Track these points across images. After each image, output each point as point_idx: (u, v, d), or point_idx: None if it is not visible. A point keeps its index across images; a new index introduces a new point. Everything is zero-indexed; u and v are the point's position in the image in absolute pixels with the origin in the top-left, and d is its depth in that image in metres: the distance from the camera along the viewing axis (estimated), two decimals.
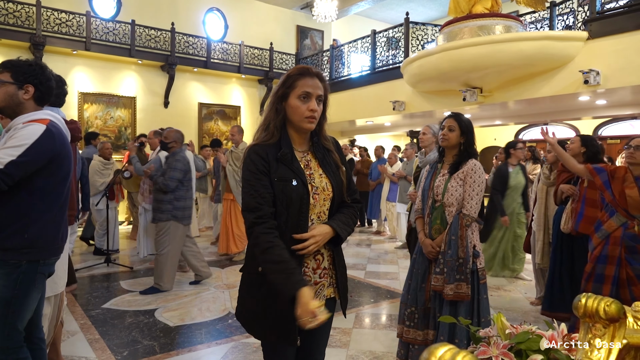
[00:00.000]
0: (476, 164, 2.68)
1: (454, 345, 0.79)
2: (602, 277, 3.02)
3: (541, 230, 4.19)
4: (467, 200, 2.62)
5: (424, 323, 2.70)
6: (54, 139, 1.95)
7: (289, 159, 1.65)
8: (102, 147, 6.48)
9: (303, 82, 1.65)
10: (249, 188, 1.61)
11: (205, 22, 11.58)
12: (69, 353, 3.16)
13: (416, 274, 2.78)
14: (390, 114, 9.46)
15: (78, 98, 9.59)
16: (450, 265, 2.55)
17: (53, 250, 2.03)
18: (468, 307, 2.57)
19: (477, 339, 1.73)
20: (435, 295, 2.65)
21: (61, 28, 9.04)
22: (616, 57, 6.08)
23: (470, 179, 2.63)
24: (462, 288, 2.53)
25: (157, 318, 3.92)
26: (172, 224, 4.59)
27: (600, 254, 3.06)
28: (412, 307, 2.75)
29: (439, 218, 2.70)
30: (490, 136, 14.80)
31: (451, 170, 2.70)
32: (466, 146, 2.72)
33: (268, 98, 1.76)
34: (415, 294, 2.74)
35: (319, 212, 1.71)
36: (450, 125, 2.72)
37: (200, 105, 11.27)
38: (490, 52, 6.68)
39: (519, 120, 11.17)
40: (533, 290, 4.62)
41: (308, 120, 1.65)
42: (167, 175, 4.55)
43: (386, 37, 9.92)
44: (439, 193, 2.71)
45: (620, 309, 0.99)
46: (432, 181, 2.80)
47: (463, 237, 2.58)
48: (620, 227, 3.00)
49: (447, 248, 2.58)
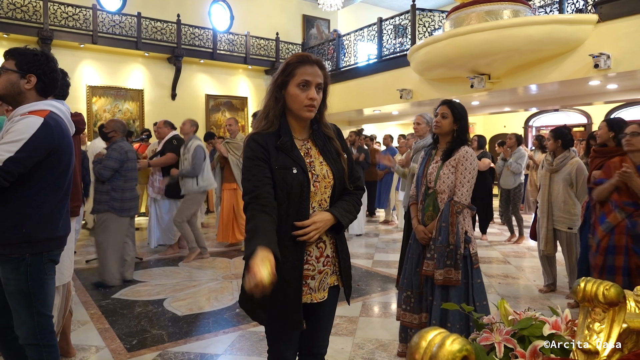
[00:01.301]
0: (468, 151, 2.69)
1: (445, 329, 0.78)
2: (614, 268, 2.98)
3: (545, 217, 4.14)
4: (458, 188, 2.65)
5: (419, 306, 2.76)
6: (52, 131, 1.92)
7: (289, 147, 1.64)
8: None
9: (302, 70, 1.64)
10: (247, 174, 1.63)
11: (211, 13, 11.55)
12: (79, 342, 3.21)
13: (411, 259, 2.84)
14: (398, 102, 9.39)
15: (86, 91, 9.65)
16: (441, 251, 2.61)
17: (55, 243, 2.03)
18: (461, 291, 2.62)
19: (479, 325, 1.72)
20: (427, 279, 2.71)
21: (68, 22, 9.09)
22: (627, 40, 5.95)
23: (462, 166, 2.65)
24: (452, 274, 2.58)
25: (166, 308, 3.96)
26: (110, 215, 4.45)
27: (608, 245, 3.02)
28: (408, 290, 2.81)
29: (432, 205, 2.74)
30: (500, 123, 14.64)
31: (444, 157, 2.73)
32: (459, 133, 2.73)
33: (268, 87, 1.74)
34: (411, 278, 2.80)
35: (320, 200, 1.70)
36: (443, 112, 2.74)
37: (207, 96, 11.29)
38: (498, 38, 6.58)
39: (528, 107, 11.02)
40: (541, 277, 4.59)
41: (307, 108, 1.64)
42: (102, 164, 4.45)
43: (393, 24, 9.82)
44: (432, 180, 2.74)
45: (619, 293, 0.97)
46: (425, 168, 2.82)
47: (454, 224, 2.62)
48: (625, 218, 2.96)
49: (438, 234, 2.63)
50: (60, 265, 2.59)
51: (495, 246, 6.53)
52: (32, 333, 1.99)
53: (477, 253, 2.73)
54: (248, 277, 1.35)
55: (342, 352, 3.06)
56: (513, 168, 6.55)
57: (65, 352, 2.94)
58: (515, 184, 6.64)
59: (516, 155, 6.65)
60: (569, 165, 4.04)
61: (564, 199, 4.04)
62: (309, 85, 1.63)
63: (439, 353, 0.70)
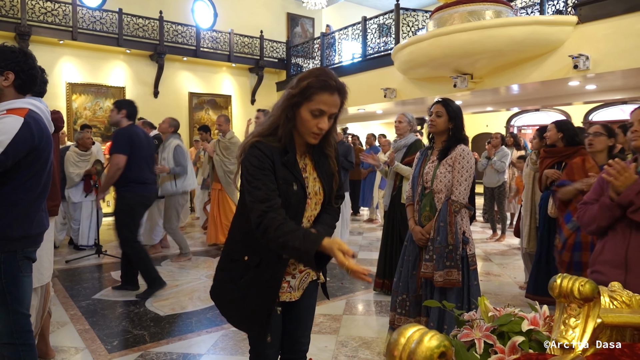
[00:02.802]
0: (465, 149, 2.66)
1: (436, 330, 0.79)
2: (580, 264, 3.05)
3: (528, 215, 4.21)
4: (455, 186, 2.61)
5: (415, 310, 2.70)
6: (32, 131, 1.88)
7: (292, 162, 1.63)
8: (81, 137, 6.12)
9: (321, 97, 1.54)
10: (256, 181, 1.55)
11: (194, 10, 11.44)
12: (59, 343, 3.16)
13: (407, 262, 2.78)
14: (382, 101, 9.44)
15: (66, 89, 9.47)
16: (440, 252, 2.55)
17: (30, 241, 2.00)
18: (458, 293, 2.57)
19: (460, 322, 1.74)
20: (426, 282, 2.64)
21: (47, 17, 8.89)
22: (606, 42, 6.08)
23: (459, 164, 2.62)
24: (453, 275, 2.52)
25: (148, 308, 3.92)
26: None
27: (574, 242, 3.08)
28: (403, 294, 2.75)
29: (429, 205, 2.70)
30: (482, 123, 14.82)
31: (440, 156, 2.69)
32: (455, 132, 2.70)
33: (280, 98, 1.65)
34: (407, 281, 2.74)
35: (310, 216, 1.72)
36: (438, 111, 2.71)
37: (190, 94, 11.17)
38: (480, 38, 6.65)
39: (510, 107, 11.18)
40: (522, 274, 4.66)
41: (313, 135, 1.60)
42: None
43: (377, 23, 9.85)
44: (428, 180, 2.69)
45: (594, 289, 1.00)
46: (421, 168, 2.78)
47: (452, 224, 2.56)
48: None
49: (436, 235, 2.58)
50: (39, 265, 2.55)
51: (478, 244, 6.61)
52: (9, 332, 1.96)
53: (474, 254, 2.69)
54: (345, 263, 1.38)
55: (326, 351, 3.07)
56: (497, 166, 6.64)
57: (43, 354, 2.88)
58: (499, 182, 6.74)
59: (500, 154, 6.75)
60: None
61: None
62: (323, 114, 1.56)
63: (417, 349, 0.70)
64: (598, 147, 2.99)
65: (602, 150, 3.01)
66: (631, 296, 1.24)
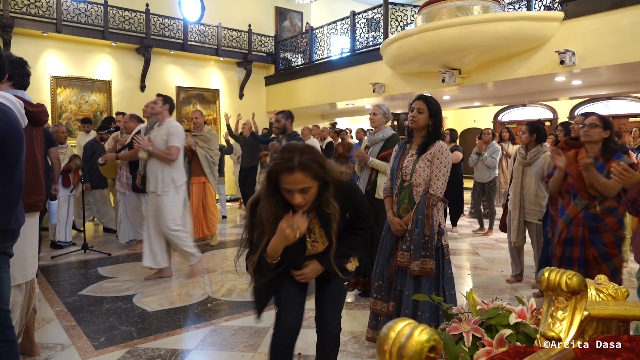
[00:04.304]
0: (443, 146, 2.78)
1: (414, 320, 0.79)
2: (571, 259, 3.09)
3: (517, 209, 4.25)
4: (433, 181, 2.72)
5: (388, 295, 2.85)
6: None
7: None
8: (56, 130, 5.97)
9: (283, 179, 1.72)
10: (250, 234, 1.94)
11: (181, 3, 11.29)
12: (44, 340, 3.12)
13: (384, 250, 2.91)
14: (371, 96, 9.44)
15: (50, 82, 9.31)
16: (417, 243, 2.68)
17: (7, 236, 1.96)
18: (432, 282, 2.70)
19: (449, 315, 1.75)
20: (399, 270, 2.78)
21: (30, 9, 8.71)
22: (591, 37, 6.14)
23: (437, 160, 2.73)
24: (428, 264, 2.66)
25: (135, 304, 3.89)
26: None
27: (566, 237, 3.13)
28: (379, 280, 2.89)
29: (407, 197, 2.80)
30: (470, 118, 14.92)
31: (419, 151, 2.79)
32: (434, 128, 2.80)
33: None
34: (382, 269, 2.87)
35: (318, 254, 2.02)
36: (420, 107, 2.79)
37: (178, 88, 11.06)
38: (468, 33, 6.68)
39: (497, 102, 11.26)
40: (509, 268, 4.71)
41: (298, 206, 1.77)
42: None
43: (366, 18, 9.83)
44: (408, 173, 2.80)
45: (581, 282, 1.01)
46: (400, 161, 2.87)
47: (429, 216, 2.69)
48: (582, 210, 3.07)
49: (414, 226, 2.70)
50: (23, 261, 2.51)
51: (465, 238, 6.67)
52: None
53: (448, 245, 2.82)
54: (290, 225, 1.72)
55: (315, 344, 3.06)
56: (488, 162, 6.69)
57: (29, 351, 2.85)
58: (490, 178, 6.80)
59: (490, 149, 6.80)
60: (541, 159, 4.14)
61: (535, 192, 4.15)
62: (292, 192, 1.73)
63: (407, 343, 0.70)
64: (594, 137, 3.03)
65: (597, 141, 3.04)
66: (617, 289, 1.26)
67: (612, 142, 3.06)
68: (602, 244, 2.99)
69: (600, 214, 3.00)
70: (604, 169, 2.95)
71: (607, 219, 3.00)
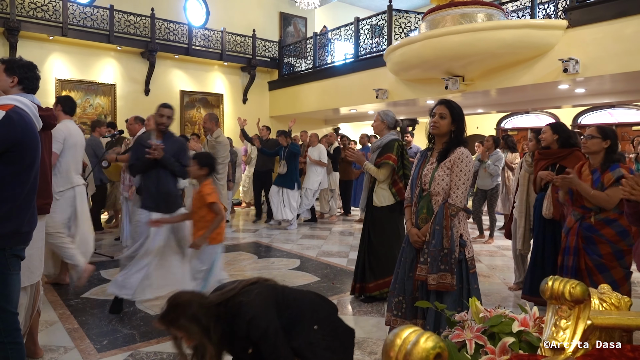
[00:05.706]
0: (464, 152, 2.60)
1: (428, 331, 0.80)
2: (567, 268, 3.10)
3: (522, 217, 4.25)
4: (453, 190, 2.57)
5: (412, 312, 2.66)
6: (14, 126, 1.87)
7: None
8: None
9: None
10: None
11: (186, 8, 11.37)
12: (47, 343, 3.13)
13: (404, 263, 2.75)
14: (374, 102, 9.46)
15: (55, 85, 9.37)
16: (434, 255, 2.51)
17: (19, 239, 1.98)
18: (455, 297, 2.53)
19: (452, 323, 1.76)
20: (422, 284, 2.61)
21: (36, 13, 8.79)
22: (594, 46, 6.16)
23: (457, 167, 2.57)
24: (447, 278, 2.49)
25: (138, 307, 3.89)
26: None
27: (565, 246, 3.14)
28: (399, 296, 2.71)
29: (426, 207, 2.65)
30: (473, 124, 14.92)
31: (439, 158, 2.64)
32: (457, 134, 2.64)
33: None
34: (403, 283, 2.70)
35: None
36: (442, 112, 2.62)
37: (182, 92, 11.12)
38: (472, 41, 6.70)
39: (500, 109, 11.28)
40: (511, 275, 4.71)
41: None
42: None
43: (369, 24, 9.88)
44: (426, 182, 2.65)
45: (584, 291, 1.02)
46: (420, 169, 2.73)
47: (448, 227, 2.52)
48: (577, 221, 3.08)
49: (431, 238, 2.54)
50: (29, 264, 2.53)
51: None
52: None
53: (473, 257, 2.64)
54: None
55: None
56: (491, 170, 6.69)
57: (32, 353, 2.86)
58: (492, 185, 6.81)
59: (494, 157, 6.80)
60: None
61: None
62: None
63: (413, 350, 0.71)
64: (592, 148, 3.03)
65: (596, 152, 3.04)
66: (620, 298, 1.27)
67: (614, 152, 3.03)
68: (597, 255, 2.96)
69: (595, 225, 2.98)
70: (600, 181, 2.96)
71: (604, 230, 2.95)
